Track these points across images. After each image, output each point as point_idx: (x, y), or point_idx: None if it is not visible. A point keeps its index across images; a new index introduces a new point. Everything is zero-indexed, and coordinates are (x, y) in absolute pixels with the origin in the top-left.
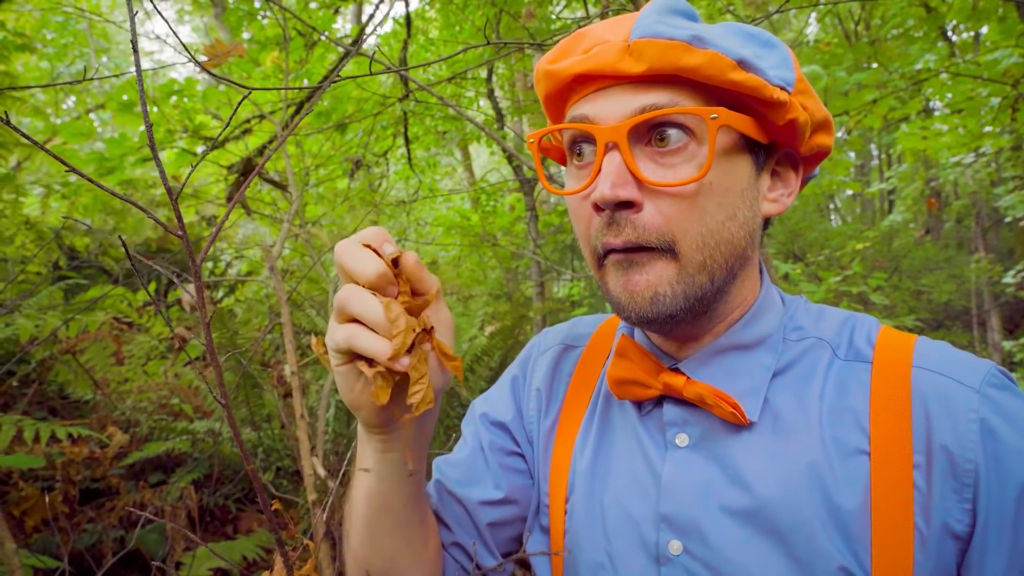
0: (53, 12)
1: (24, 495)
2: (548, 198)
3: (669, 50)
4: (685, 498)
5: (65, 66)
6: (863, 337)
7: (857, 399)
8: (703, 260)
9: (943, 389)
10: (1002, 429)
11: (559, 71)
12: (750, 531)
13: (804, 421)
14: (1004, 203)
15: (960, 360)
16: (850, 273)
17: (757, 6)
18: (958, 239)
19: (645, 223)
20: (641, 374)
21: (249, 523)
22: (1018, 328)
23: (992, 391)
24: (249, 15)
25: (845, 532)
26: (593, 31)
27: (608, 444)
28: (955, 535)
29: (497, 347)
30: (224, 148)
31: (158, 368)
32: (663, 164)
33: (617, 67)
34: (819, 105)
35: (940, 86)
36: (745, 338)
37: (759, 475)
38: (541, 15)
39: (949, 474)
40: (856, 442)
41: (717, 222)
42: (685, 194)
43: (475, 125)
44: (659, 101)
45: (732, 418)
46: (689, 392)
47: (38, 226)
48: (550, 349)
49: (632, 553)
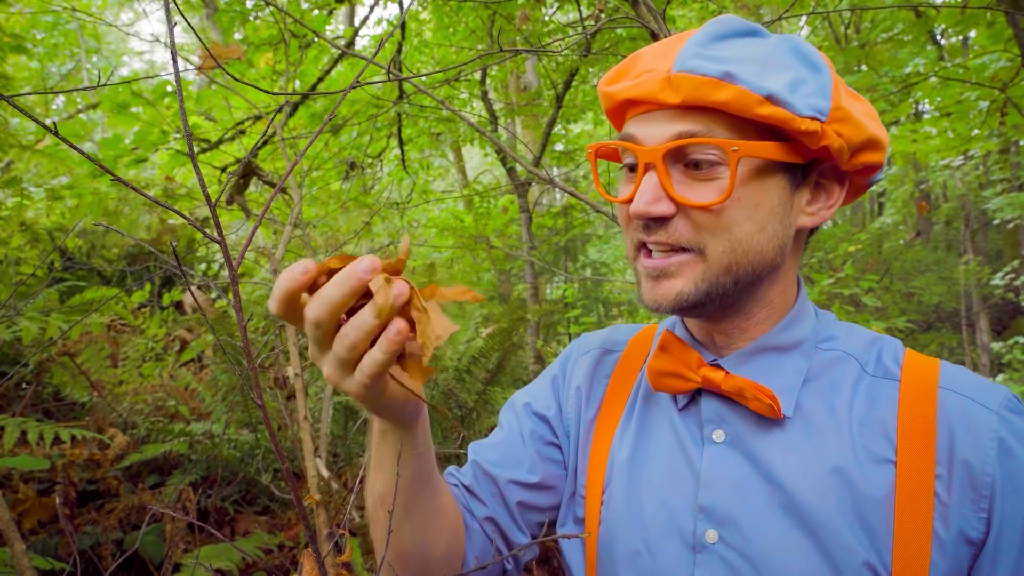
0: (43, 12)
1: (20, 497)
2: (541, 200)
3: (701, 86)
4: (722, 491)
5: (56, 66)
6: (891, 357)
7: (886, 412)
8: (729, 264)
9: (966, 409)
10: (1017, 448)
11: (613, 93)
12: (784, 524)
13: (835, 427)
14: (992, 205)
15: (981, 384)
16: (842, 275)
17: (749, 9)
18: (947, 241)
19: (677, 231)
20: (682, 367)
21: (247, 524)
22: (1006, 329)
23: (1009, 414)
24: (241, 16)
25: (870, 531)
26: (645, 56)
27: (647, 439)
28: (970, 541)
29: (494, 349)
30: (218, 149)
31: (153, 370)
32: (695, 183)
33: (658, 96)
34: (860, 128)
35: (929, 90)
36: (782, 340)
37: (791, 473)
38: (535, 18)
39: (968, 486)
40: (883, 451)
41: (745, 233)
42: (714, 209)
43: (471, 126)
44: (693, 129)
45: (768, 411)
46: (728, 385)
47: (33, 227)
48: (589, 352)
49: (669, 541)
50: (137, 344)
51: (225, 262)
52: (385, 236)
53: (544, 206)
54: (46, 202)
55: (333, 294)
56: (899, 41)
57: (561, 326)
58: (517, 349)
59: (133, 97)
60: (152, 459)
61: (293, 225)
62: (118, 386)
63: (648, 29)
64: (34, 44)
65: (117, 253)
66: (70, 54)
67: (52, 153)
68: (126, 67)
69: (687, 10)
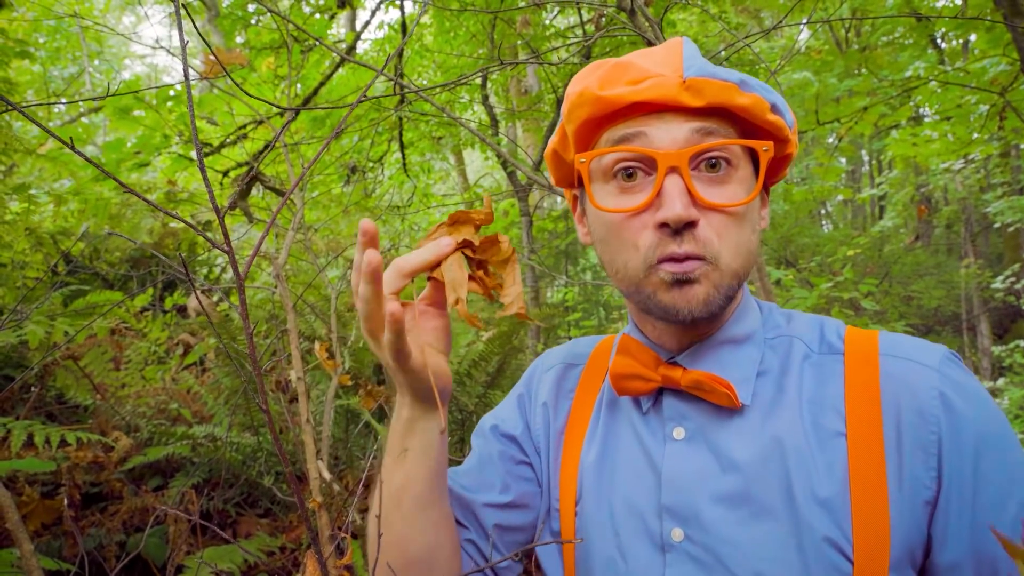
0: (46, 16)
1: (25, 499)
2: (542, 204)
3: (725, 90)
4: (683, 487)
5: (58, 69)
6: (833, 333)
7: (833, 387)
8: (736, 268)
9: (907, 370)
10: (957, 401)
11: (613, 98)
12: (742, 512)
13: (788, 408)
14: (993, 209)
15: (919, 345)
16: (841, 279)
17: (750, 13)
18: (948, 245)
19: (704, 238)
20: (641, 368)
21: (249, 527)
22: (1007, 333)
23: (948, 370)
24: (243, 20)
25: (827, 506)
26: (637, 64)
27: (612, 446)
28: (926, 501)
29: (495, 352)
30: (220, 153)
31: (156, 373)
32: (714, 186)
33: (678, 99)
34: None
35: (929, 94)
36: (734, 333)
37: (748, 457)
38: (535, 22)
39: (917, 446)
40: (834, 425)
41: (746, 236)
42: (731, 213)
43: (471, 132)
44: (716, 129)
45: (727, 401)
46: (686, 380)
47: (37, 232)
48: (553, 368)
49: (639, 544)
50: (140, 347)
51: (232, 270)
52: (386, 240)
53: (545, 210)
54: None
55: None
56: (899, 45)
57: (561, 330)
58: (517, 352)
59: (136, 101)
60: (155, 462)
61: (295, 229)
62: (121, 389)
63: (644, 38)
64: (37, 48)
65: (119, 257)
66: (73, 58)
67: (55, 157)
68: (128, 70)
69: (687, 14)
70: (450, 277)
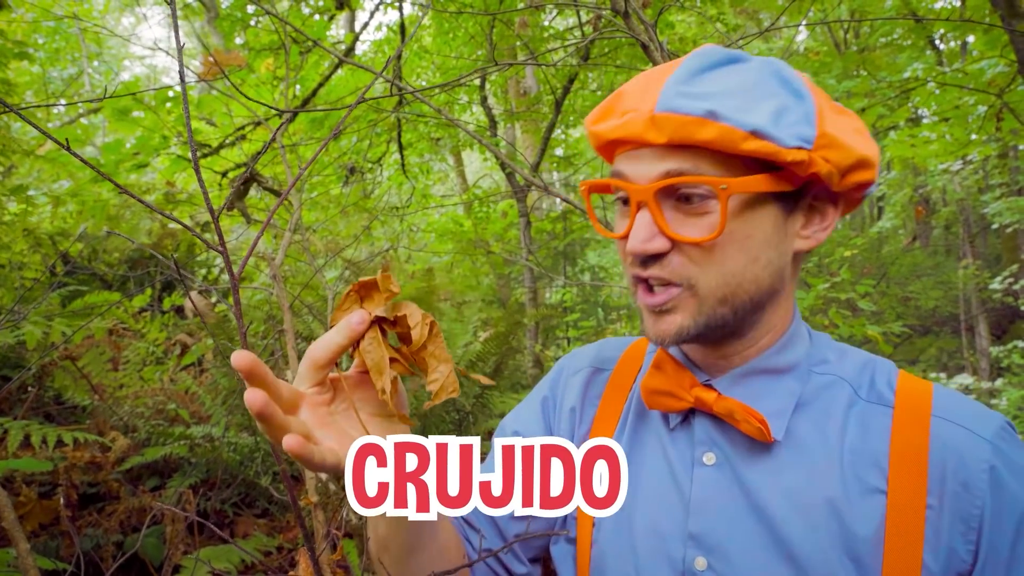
0: (45, 17)
1: (22, 499)
2: (541, 205)
3: (685, 126)
4: (712, 517)
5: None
6: (884, 381)
7: (878, 441)
8: (723, 296)
9: (959, 438)
10: (1008, 478)
11: (600, 133)
12: (770, 555)
13: (826, 454)
14: (991, 210)
15: (975, 411)
16: (838, 280)
17: (749, 15)
18: (946, 245)
19: (672, 264)
20: (675, 386)
21: (246, 527)
22: (1005, 333)
23: (1002, 443)
24: (242, 21)
25: (858, 563)
26: (628, 93)
27: (638, 461)
28: (959, 573)
29: (492, 353)
30: (219, 155)
31: (153, 374)
32: (688, 219)
33: (643, 136)
34: (848, 152)
35: (927, 95)
36: (776, 363)
37: (780, 502)
38: (534, 23)
39: (958, 517)
40: (875, 481)
41: (739, 266)
42: (706, 245)
43: (469, 134)
44: (682, 167)
45: (758, 434)
46: (719, 407)
47: (35, 232)
48: (580, 372)
49: (659, 567)
50: (138, 348)
51: (227, 269)
52: (385, 241)
53: (544, 211)
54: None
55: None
56: (898, 46)
57: (560, 330)
58: (515, 353)
59: (134, 103)
60: (152, 462)
61: (292, 230)
62: (119, 390)
63: (639, 41)
64: (36, 49)
65: (118, 257)
66: (72, 59)
67: (54, 158)
68: (127, 71)
69: (686, 15)
70: (371, 362)
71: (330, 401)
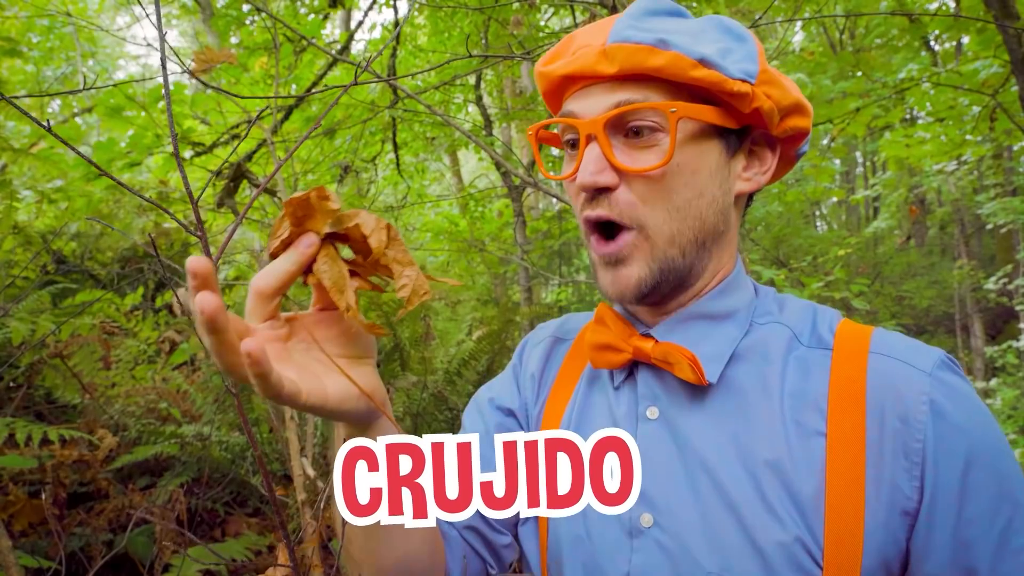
0: (39, 15)
1: (11, 499)
2: (536, 204)
3: (636, 53)
4: (655, 473)
5: (51, 69)
6: (825, 326)
7: (818, 383)
8: (671, 233)
9: (897, 372)
10: (949, 409)
11: (550, 72)
12: (712, 505)
13: (765, 401)
14: (986, 210)
15: (913, 346)
16: (832, 279)
17: (744, 14)
18: (941, 246)
19: (619, 201)
20: (615, 339)
21: (237, 526)
22: (1000, 333)
23: (941, 374)
24: (237, 20)
25: (800, 507)
26: (579, 35)
27: (587, 422)
28: (905, 511)
29: (484, 351)
30: (212, 153)
31: (145, 372)
32: (636, 151)
33: (595, 68)
34: (786, 92)
35: (922, 95)
36: (714, 308)
37: (718, 451)
38: (528, 23)
39: (900, 453)
40: (814, 423)
41: (684, 200)
42: (654, 176)
43: (463, 134)
44: (632, 97)
45: (693, 377)
46: (656, 352)
47: (26, 230)
48: (542, 341)
49: (608, 526)
50: (129, 347)
51: (204, 251)
52: None
53: (539, 210)
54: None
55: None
56: (893, 47)
57: None
58: (508, 351)
59: (127, 101)
60: (143, 461)
61: None
62: (110, 388)
63: None
64: (29, 48)
65: (111, 256)
66: (66, 58)
67: (47, 157)
68: (122, 71)
69: None
70: (329, 281)
71: (286, 338)
